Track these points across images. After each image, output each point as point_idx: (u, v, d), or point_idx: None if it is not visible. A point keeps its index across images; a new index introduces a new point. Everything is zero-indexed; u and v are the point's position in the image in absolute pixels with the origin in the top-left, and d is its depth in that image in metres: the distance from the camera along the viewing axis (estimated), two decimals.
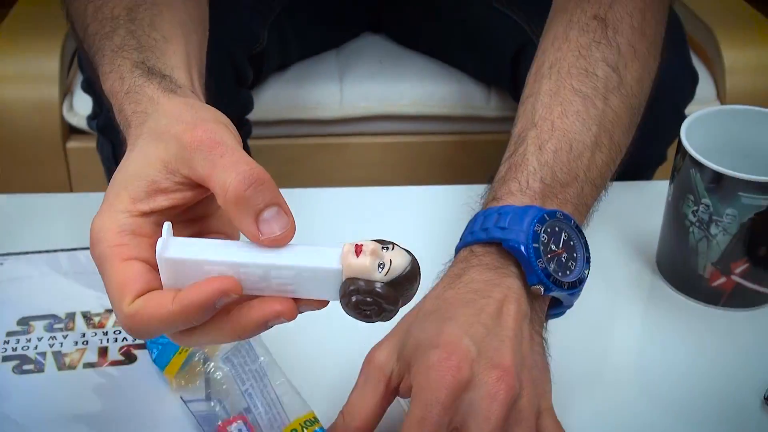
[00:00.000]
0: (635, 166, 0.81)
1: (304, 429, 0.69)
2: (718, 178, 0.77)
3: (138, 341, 0.76)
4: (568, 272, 0.69)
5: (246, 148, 1.22)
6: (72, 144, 1.43)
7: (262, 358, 0.73)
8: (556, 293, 0.68)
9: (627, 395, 0.76)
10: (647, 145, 0.81)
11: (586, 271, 0.70)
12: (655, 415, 0.74)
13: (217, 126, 0.58)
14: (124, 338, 0.77)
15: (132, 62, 0.66)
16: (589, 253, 0.70)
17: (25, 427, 0.69)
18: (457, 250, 0.72)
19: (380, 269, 0.55)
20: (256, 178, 0.55)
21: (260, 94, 1.34)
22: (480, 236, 0.69)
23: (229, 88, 1.15)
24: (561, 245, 0.69)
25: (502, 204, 0.71)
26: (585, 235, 0.71)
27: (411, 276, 0.56)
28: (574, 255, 0.70)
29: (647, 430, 0.73)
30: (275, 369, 0.73)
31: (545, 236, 0.68)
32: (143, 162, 0.59)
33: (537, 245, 0.67)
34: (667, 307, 0.84)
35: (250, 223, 0.55)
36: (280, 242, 0.55)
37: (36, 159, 1.43)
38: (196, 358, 0.73)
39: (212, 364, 0.73)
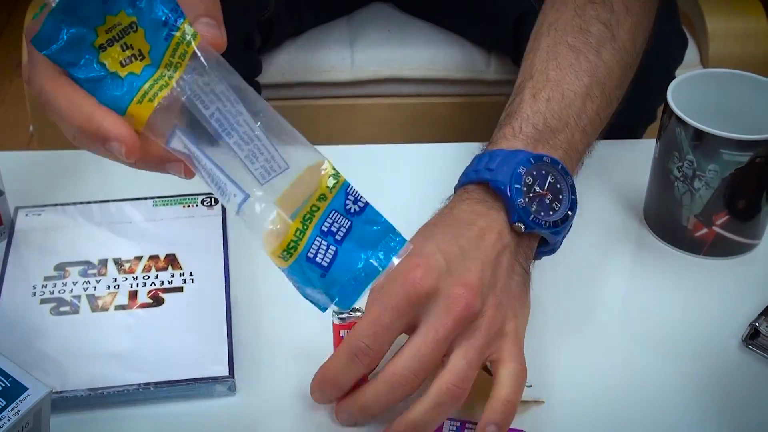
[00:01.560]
0: (628, 124, 0.81)
1: (329, 187, 0.57)
2: (701, 136, 0.77)
3: (165, 285, 0.76)
4: (551, 212, 0.69)
5: None
6: None
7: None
8: (537, 231, 0.68)
9: (614, 337, 0.76)
10: (640, 104, 0.81)
11: (570, 213, 0.69)
12: (640, 356, 0.74)
13: None
14: (152, 283, 0.77)
15: None
16: (575, 196, 0.70)
17: (60, 363, 0.70)
18: (455, 191, 0.72)
19: None
20: None
21: (276, 59, 1.33)
22: (471, 177, 0.70)
23: (236, 51, 1.14)
24: (546, 187, 0.69)
25: (496, 148, 0.71)
26: (573, 179, 0.70)
27: None
28: (560, 197, 0.70)
29: (633, 371, 0.73)
30: (255, 97, 0.56)
31: (530, 178, 0.68)
32: None
33: (519, 186, 0.67)
34: (652, 256, 0.84)
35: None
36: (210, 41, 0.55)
37: None
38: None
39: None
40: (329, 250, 0.57)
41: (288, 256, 0.56)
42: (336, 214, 0.57)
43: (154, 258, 0.79)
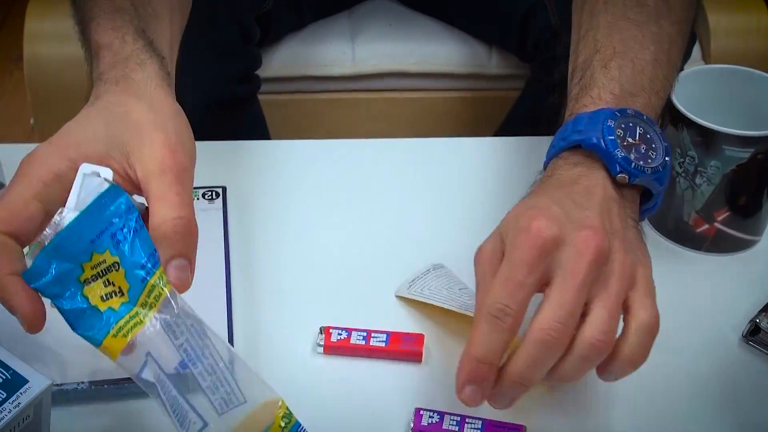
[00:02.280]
0: None
1: (281, 427, 0.60)
2: (703, 132, 0.77)
3: None
4: (649, 160, 0.67)
5: (255, 103, 1.22)
6: None
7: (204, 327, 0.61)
8: (641, 179, 0.67)
9: None
10: None
11: (668, 158, 0.68)
12: None
13: (189, 158, 0.63)
14: None
15: (134, 29, 0.67)
16: (669, 143, 0.69)
17: (61, 356, 0.70)
18: (545, 167, 0.71)
19: None
20: (188, 230, 0.60)
21: (277, 53, 1.33)
22: (560, 145, 0.68)
23: (235, 45, 1.15)
24: (637, 138, 0.68)
25: (575, 115, 0.70)
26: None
27: None
28: (653, 145, 0.69)
29: None
30: (218, 340, 0.60)
31: (620, 131, 0.67)
32: (113, 131, 0.62)
33: (613, 137, 0.66)
34: (653, 252, 0.83)
35: (164, 261, 0.59)
36: (176, 287, 0.59)
37: (72, 111, 1.41)
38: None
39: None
40: None
41: None
42: None
43: None
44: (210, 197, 0.85)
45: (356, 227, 0.85)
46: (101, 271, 0.58)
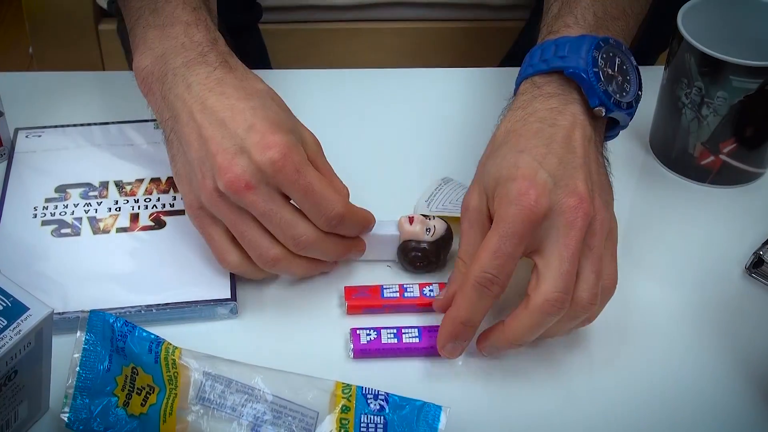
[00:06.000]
0: (642, 50, 0.79)
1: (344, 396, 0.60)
2: (710, 61, 0.75)
3: (167, 208, 0.75)
4: (624, 93, 0.68)
5: (257, 32, 1.20)
6: (103, 26, 1.40)
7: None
8: (615, 114, 0.67)
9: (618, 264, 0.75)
10: (653, 32, 0.79)
11: (640, 92, 0.69)
12: (643, 284, 0.74)
13: None
14: (154, 205, 0.76)
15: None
16: (641, 77, 0.70)
17: (62, 285, 0.69)
18: (518, 84, 0.70)
19: (428, 233, 0.70)
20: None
21: None
22: (540, 67, 0.68)
23: None
24: (616, 69, 0.68)
25: (558, 36, 0.69)
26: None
27: (448, 236, 0.71)
28: (628, 78, 0.69)
29: (635, 298, 0.72)
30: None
31: (602, 62, 0.67)
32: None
33: (596, 69, 0.66)
34: (657, 184, 0.83)
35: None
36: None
37: (71, 40, 1.40)
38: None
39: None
40: None
41: None
42: (366, 416, 0.59)
43: (155, 181, 0.78)
44: None
45: (359, 154, 0.84)
46: (129, 385, 0.61)
